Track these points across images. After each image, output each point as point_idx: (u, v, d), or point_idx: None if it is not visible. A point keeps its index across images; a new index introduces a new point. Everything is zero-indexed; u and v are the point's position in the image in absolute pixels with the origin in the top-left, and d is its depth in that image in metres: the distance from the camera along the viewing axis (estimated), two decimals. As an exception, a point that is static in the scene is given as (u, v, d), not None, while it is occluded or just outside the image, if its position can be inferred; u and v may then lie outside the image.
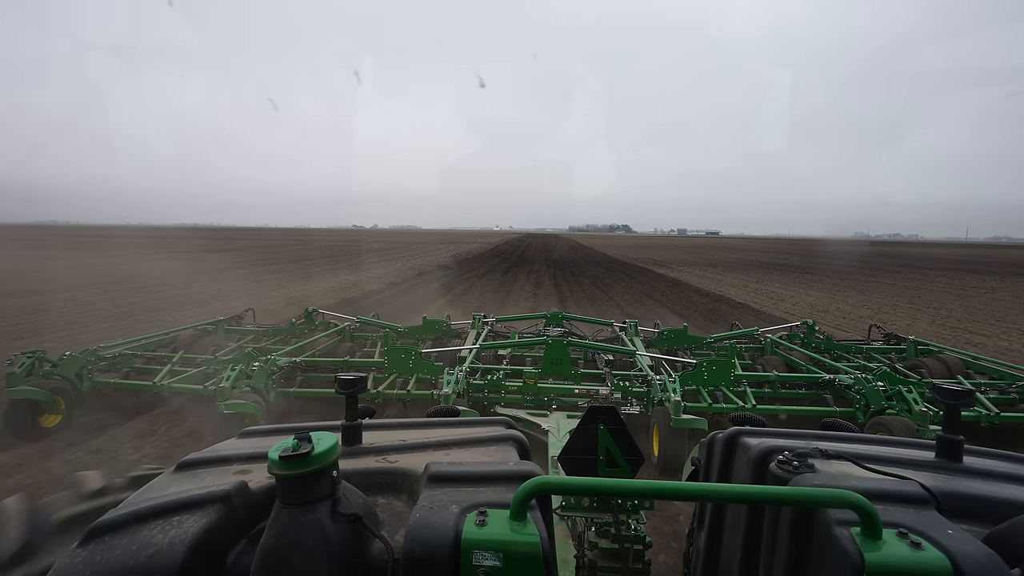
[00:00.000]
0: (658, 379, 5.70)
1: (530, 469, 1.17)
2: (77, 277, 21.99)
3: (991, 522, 1.09)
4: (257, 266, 30.03)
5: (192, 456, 1.34)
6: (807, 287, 23.99)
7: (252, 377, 5.89)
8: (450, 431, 1.52)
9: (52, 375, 6.15)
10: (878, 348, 8.28)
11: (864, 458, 1.30)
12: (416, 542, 0.94)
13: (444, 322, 8.88)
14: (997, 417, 5.51)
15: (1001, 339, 13.01)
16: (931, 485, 1.16)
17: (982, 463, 1.37)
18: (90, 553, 0.95)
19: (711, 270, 32.42)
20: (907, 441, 1.55)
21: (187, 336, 8.10)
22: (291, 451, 0.94)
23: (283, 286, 20.69)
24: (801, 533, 1.14)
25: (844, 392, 6.07)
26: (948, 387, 1.37)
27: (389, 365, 6.42)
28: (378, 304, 14.86)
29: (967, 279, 30.27)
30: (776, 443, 1.41)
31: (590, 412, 1.94)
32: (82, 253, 37.82)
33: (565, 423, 4.49)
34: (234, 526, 1.05)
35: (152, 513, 1.03)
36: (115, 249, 43.09)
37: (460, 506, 1.02)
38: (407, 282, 22.75)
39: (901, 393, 5.43)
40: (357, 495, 1.07)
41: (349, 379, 1.36)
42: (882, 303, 19.08)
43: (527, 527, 0.96)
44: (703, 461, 1.72)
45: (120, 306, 15.18)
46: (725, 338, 8.44)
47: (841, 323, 14.47)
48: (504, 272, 27.58)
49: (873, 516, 0.95)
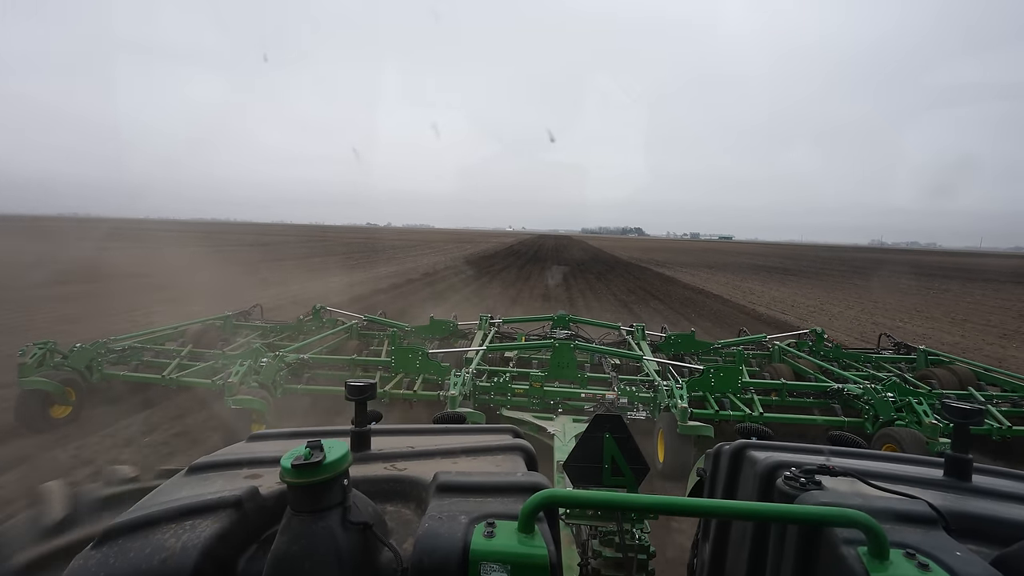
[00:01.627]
0: (665, 385, 5.67)
1: (538, 481, 1.17)
2: (179, 268, 25.14)
3: (1000, 543, 1.07)
4: (303, 259, 33.31)
5: (203, 459, 1.35)
6: (781, 285, 27.93)
7: (260, 373, 5.93)
8: (458, 439, 1.52)
9: (63, 366, 6.23)
10: (888, 357, 8.19)
11: (872, 475, 1.29)
12: (425, 552, 0.94)
13: (451, 322, 8.89)
14: (1009, 431, 5.42)
15: (918, 326, 16.19)
16: (939, 504, 1.14)
17: (992, 482, 1.35)
18: (104, 555, 0.96)
19: (705, 270, 35.96)
20: (915, 458, 1.53)
21: (195, 330, 8.16)
22: (303, 459, 0.95)
23: (340, 275, 23.84)
24: (807, 551, 1.13)
25: (853, 402, 6.00)
26: (958, 405, 1.34)
27: (396, 364, 6.44)
28: (426, 286, 20.23)
29: (911, 280, 35.17)
30: (783, 458, 1.40)
31: (596, 420, 1.93)
32: (134, 245, 40.52)
33: (571, 427, 4.48)
34: (245, 531, 1.06)
35: (165, 517, 1.04)
36: (162, 242, 46.06)
37: (469, 516, 1.02)
38: (442, 271, 27.21)
39: (911, 405, 5.36)
40: (367, 503, 1.07)
41: (359, 385, 1.36)
42: (834, 299, 22.58)
43: (535, 539, 0.96)
44: (709, 473, 1.71)
45: (251, 289, 17.61)
46: (732, 344, 8.39)
47: (789, 310, 18.58)
48: (520, 268, 31.56)
49: (880, 536, 0.94)
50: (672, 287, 24.23)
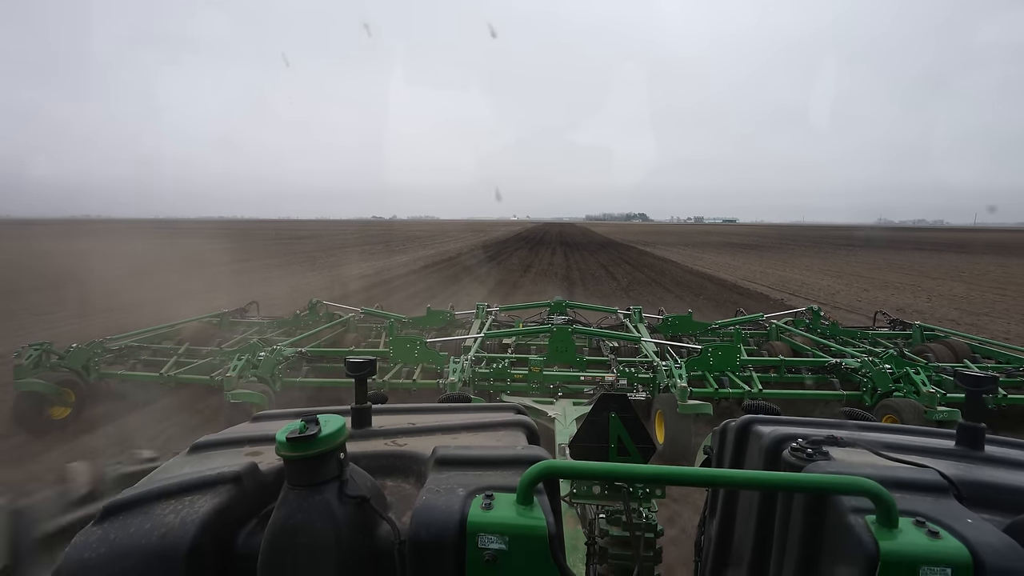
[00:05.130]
0: (664, 365, 5.69)
1: (537, 453, 1.16)
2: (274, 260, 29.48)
3: (1013, 511, 1.06)
4: (346, 249, 38.72)
5: (205, 438, 1.36)
6: (746, 257, 33.50)
7: (258, 367, 5.92)
8: (459, 416, 1.51)
9: (59, 367, 6.19)
10: (884, 334, 8.26)
11: (881, 446, 1.27)
12: (422, 524, 0.94)
13: (448, 312, 8.87)
14: (1005, 399, 5.55)
15: (805, 277, 22.38)
16: (951, 473, 1.13)
17: (1004, 452, 1.34)
18: (105, 531, 0.97)
19: (683, 248, 41.96)
20: (926, 430, 1.51)
21: (191, 329, 8.13)
22: (298, 433, 0.94)
23: (392, 257, 30.05)
24: (814, 521, 1.12)
25: (851, 376, 6.05)
26: (971, 374, 1.32)
27: (394, 355, 6.43)
28: (467, 260, 28.05)
29: (845, 250, 42.00)
30: (790, 431, 1.39)
31: (601, 400, 1.92)
32: (185, 243, 43.54)
33: (571, 410, 4.49)
34: (244, 506, 1.06)
35: (165, 493, 1.04)
36: (199, 239, 49.54)
37: (467, 489, 1.01)
38: (471, 252, 35.09)
39: (909, 375, 5.42)
40: (365, 477, 1.07)
41: (359, 362, 1.35)
42: (767, 264, 28.68)
43: (533, 511, 0.96)
44: (715, 450, 1.70)
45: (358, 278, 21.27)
46: (730, 324, 8.42)
47: (720, 269, 24.27)
48: (530, 248, 38.88)
49: (889, 504, 0.93)
50: (644, 258, 31.66)
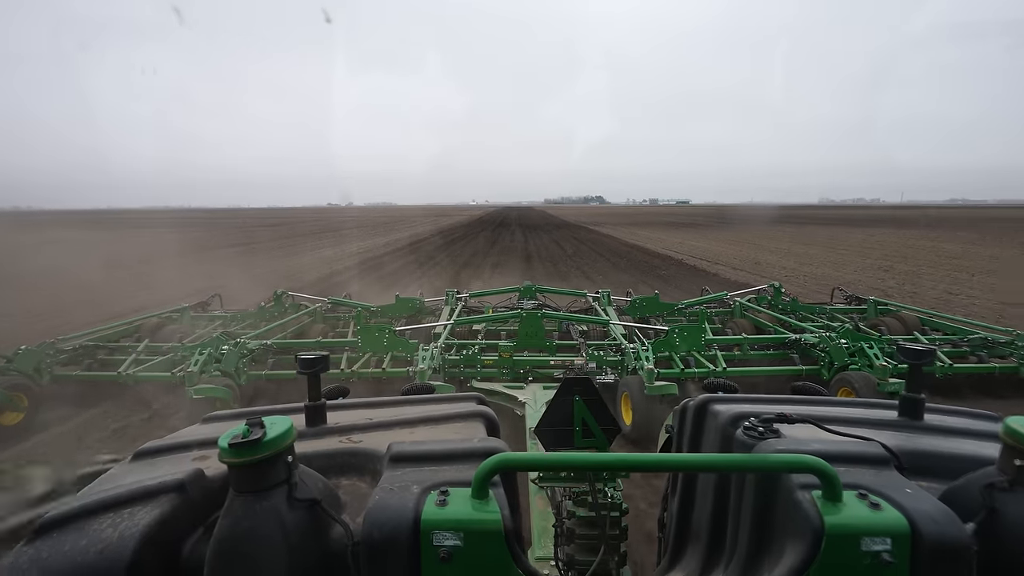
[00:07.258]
0: (632, 347, 5.77)
1: (494, 446, 1.16)
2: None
3: (949, 477, 1.11)
4: (338, 232, 42.14)
5: (150, 444, 1.30)
6: (663, 231, 39.56)
7: (222, 361, 5.76)
8: (418, 408, 1.49)
9: (8, 371, 5.89)
10: (841, 308, 8.57)
11: (829, 420, 1.31)
12: (375, 525, 0.93)
13: (418, 300, 8.78)
14: (951, 369, 5.87)
15: (696, 243, 29.03)
16: (892, 444, 1.17)
17: (942, 420, 1.40)
18: (36, 550, 0.92)
19: (622, 227, 46.98)
20: (872, 402, 1.57)
21: (151, 324, 7.85)
22: (241, 438, 0.91)
23: (372, 239, 33.33)
24: (765, 498, 1.14)
25: (810, 351, 6.26)
26: (911, 347, 1.37)
27: (363, 344, 6.35)
28: (442, 240, 32.04)
29: (759, 223, 49.57)
30: (743, 409, 1.42)
31: (565, 384, 1.93)
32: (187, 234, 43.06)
33: (542, 394, 4.52)
34: (189, 515, 1.02)
35: (102, 506, 0.99)
36: (192, 230, 48.41)
37: (421, 486, 1.00)
38: (446, 231, 40.13)
39: (863, 349, 5.65)
40: (316, 479, 1.04)
41: (310, 358, 1.32)
42: (684, 237, 34.12)
43: (488, 504, 0.96)
44: (676, 429, 1.74)
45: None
46: (695, 303, 8.60)
47: (668, 246, 27.18)
48: (493, 230, 42.31)
49: (833, 479, 0.96)
50: (589, 234, 36.96)
